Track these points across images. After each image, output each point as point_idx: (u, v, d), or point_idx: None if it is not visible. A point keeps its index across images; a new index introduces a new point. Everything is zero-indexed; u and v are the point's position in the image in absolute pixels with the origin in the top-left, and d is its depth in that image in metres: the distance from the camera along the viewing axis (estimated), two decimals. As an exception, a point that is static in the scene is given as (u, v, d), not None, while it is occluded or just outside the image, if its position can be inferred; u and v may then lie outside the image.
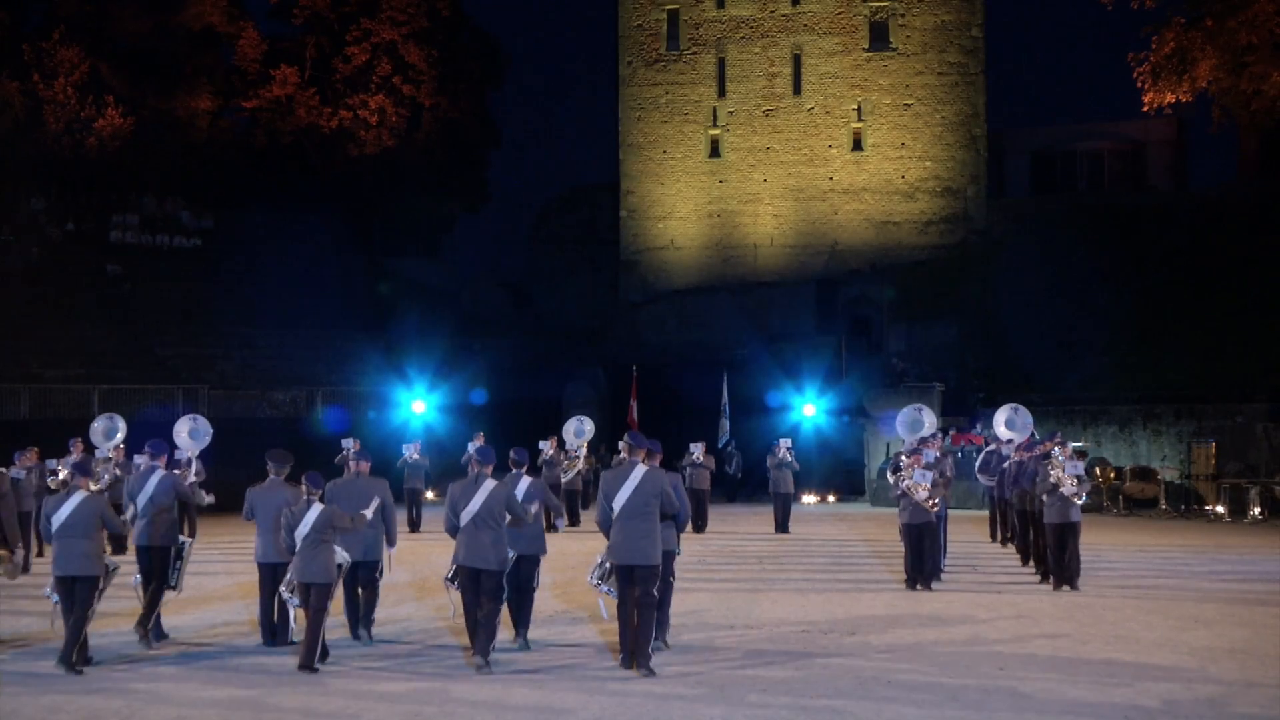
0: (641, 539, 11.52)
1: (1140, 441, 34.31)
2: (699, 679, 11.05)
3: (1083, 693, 10.44)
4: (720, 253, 49.64)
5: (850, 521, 29.64)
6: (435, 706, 10.13)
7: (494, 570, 11.70)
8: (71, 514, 11.76)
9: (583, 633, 13.60)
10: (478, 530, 11.70)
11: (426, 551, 21.59)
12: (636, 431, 12.25)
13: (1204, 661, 11.75)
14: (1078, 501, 16.76)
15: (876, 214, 48.56)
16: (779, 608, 15.27)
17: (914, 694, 10.43)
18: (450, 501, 11.89)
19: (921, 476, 16.77)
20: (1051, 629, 13.61)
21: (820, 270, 48.28)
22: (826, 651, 12.32)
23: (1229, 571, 19.16)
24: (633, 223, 50.82)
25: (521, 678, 11.23)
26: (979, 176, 48.33)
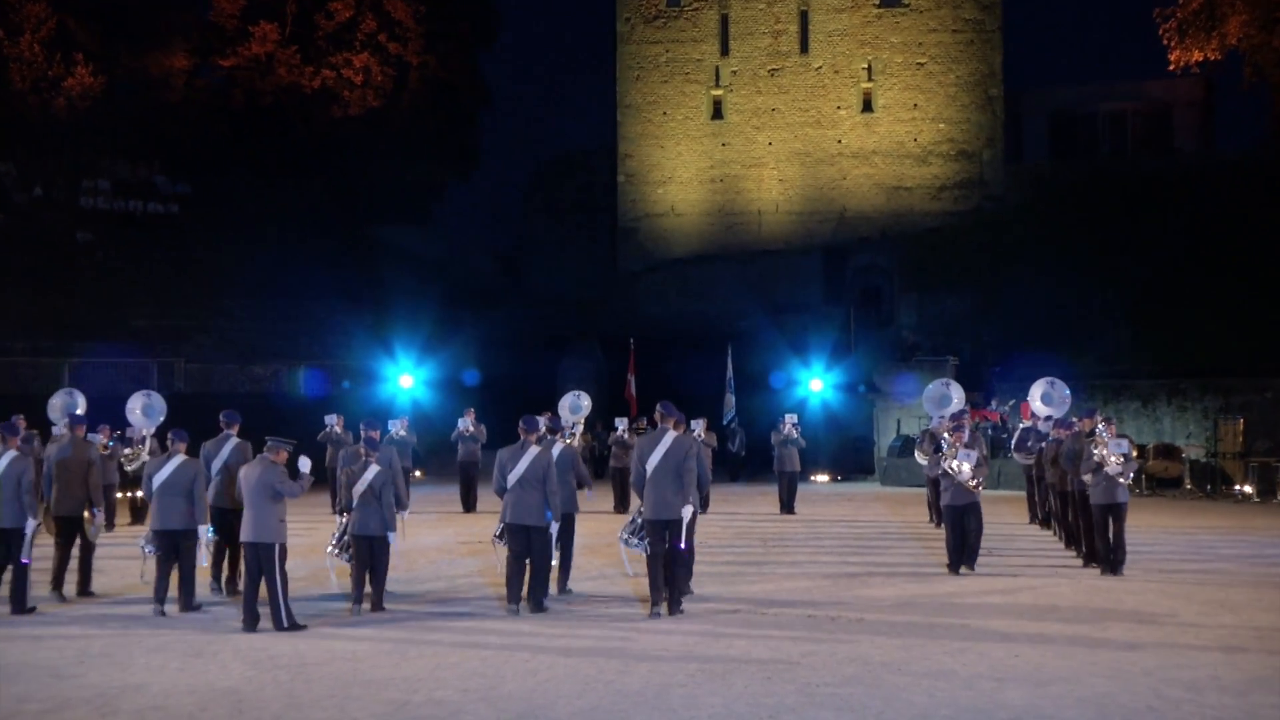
0: (671, 497, 13.55)
1: (1164, 418, 34.29)
2: (700, 665, 11.04)
3: (1103, 680, 10.43)
4: (722, 220, 49.55)
5: (859, 502, 29.63)
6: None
7: (541, 526, 13.77)
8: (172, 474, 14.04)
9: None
10: (524, 491, 13.81)
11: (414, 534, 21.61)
12: (668, 401, 14.12)
13: (1230, 648, 11.74)
14: (1123, 481, 16.72)
15: (887, 179, 48.45)
16: (784, 591, 15.26)
17: (925, 681, 10.41)
18: (499, 465, 14.00)
19: (965, 456, 16.74)
20: (1070, 614, 13.59)
21: (828, 238, 48.22)
22: (833, 637, 12.30)
23: (1257, 555, 19.15)
24: (631, 188, 50.70)
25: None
26: (995, 139, 48.21)
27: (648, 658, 11.42)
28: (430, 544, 20.42)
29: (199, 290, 42.25)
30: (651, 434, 14.04)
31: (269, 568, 12.81)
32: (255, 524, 12.93)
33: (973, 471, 16.75)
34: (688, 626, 12.92)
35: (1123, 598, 14.71)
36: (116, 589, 15.84)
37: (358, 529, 14.06)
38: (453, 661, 11.33)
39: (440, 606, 14.36)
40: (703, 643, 12.11)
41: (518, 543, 13.88)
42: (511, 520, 13.91)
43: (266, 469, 13.01)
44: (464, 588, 15.84)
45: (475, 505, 26.56)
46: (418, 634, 12.73)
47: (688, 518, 13.70)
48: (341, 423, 25.64)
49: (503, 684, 10.45)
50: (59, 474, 15.23)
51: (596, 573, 17.07)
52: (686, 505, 13.62)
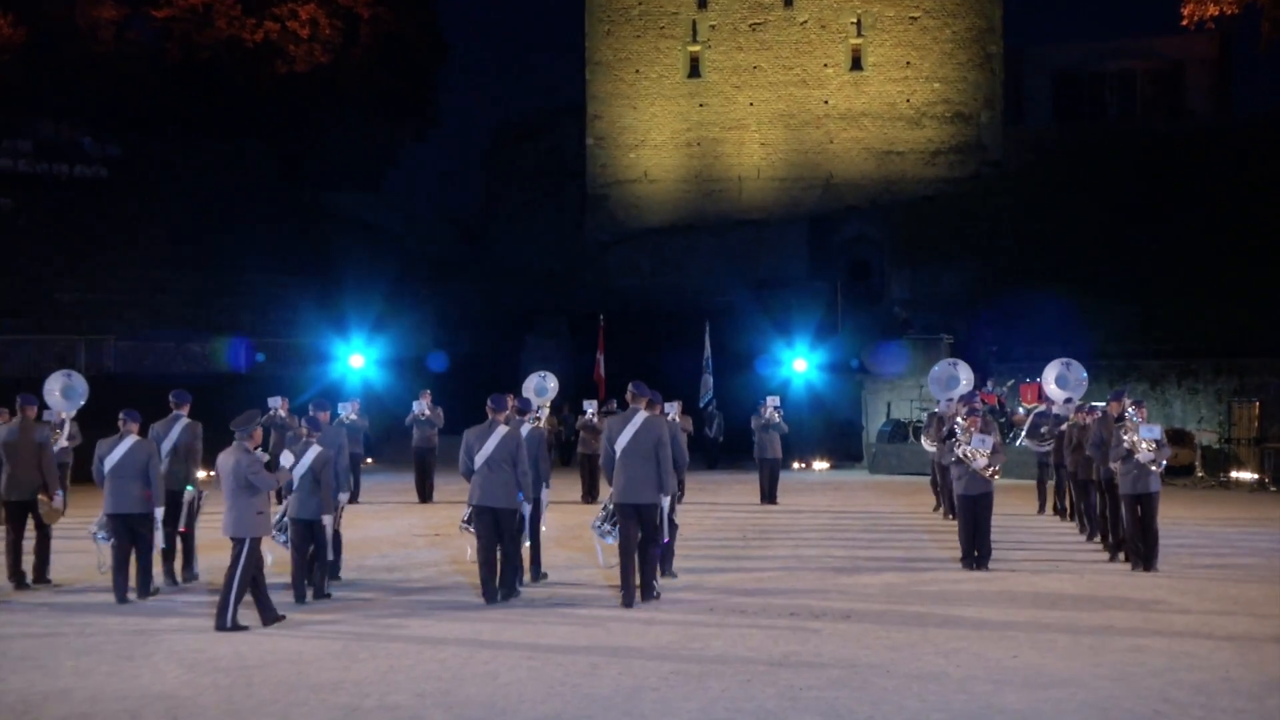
0: (642, 480, 14.01)
1: (1174, 401, 34.45)
2: (675, 666, 11.04)
3: (1107, 683, 10.47)
4: (700, 186, 49.53)
5: (846, 491, 29.70)
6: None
7: (509, 509, 14.21)
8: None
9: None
10: (492, 472, 14.19)
11: (364, 523, 21.56)
12: (640, 381, 14.57)
13: (1244, 648, 11.80)
14: (1155, 470, 16.77)
15: (877, 143, 48.48)
16: (765, 587, 15.28)
17: (916, 684, 10.44)
18: (465, 446, 14.34)
19: (980, 442, 16.75)
20: (1074, 611, 13.65)
21: (813, 207, 48.26)
22: (818, 636, 12.33)
23: (1273, 548, 19.27)
24: (601, 152, 50.61)
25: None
26: (994, 100, 48.29)
27: (618, 658, 11.42)
28: (383, 535, 20.38)
29: (130, 261, 42.00)
30: (622, 414, 14.47)
31: (233, 562, 12.87)
32: (230, 517, 13.04)
33: (990, 459, 16.78)
34: (661, 624, 12.92)
35: (1129, 594, 14.78)
36: (68, 578, 15.96)
37: (297, 512, 14.37)
38: (407, 663, 11.30)
39: (393, 602, 14.32)
40: (677, 642, 12.12)
41: (486, 527, 14.26)
42: (479, 503, 14.30)
43: (240, 458, 13.05)
44: (419, 581, 15.82)
45: (432, 494, 26.52)
46: (369, 632, 12.70)
47: (667, 506, 14.28)
48: (286, 406, 25.55)
49: (461, 687, 10.43)
50: (8, 457, 15.49)
51: (565, 564, 17.07)
52: (665, 495, 14.12)
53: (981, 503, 16.91)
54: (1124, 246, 41.55)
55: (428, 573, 16.66)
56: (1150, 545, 16.78)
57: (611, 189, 50.31)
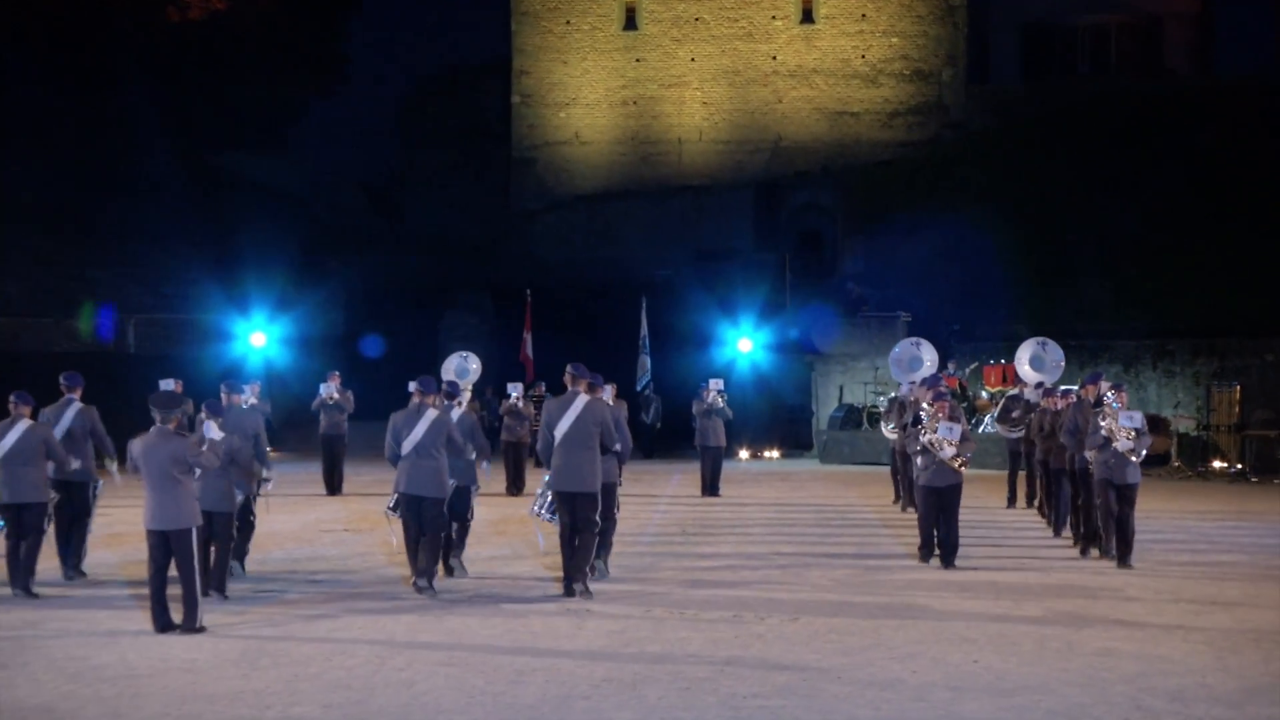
0: (582, 467, 14.54)
1: (1149, 385, 34.78)
2: (608, 672, 11.04)
3: (1075, 690, 10.55)
4: (636, 149, 49.50)
5: (795, 482, 29.81)
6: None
7: (436, 498, 14.78)
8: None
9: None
10: (420, 459, 14.73)
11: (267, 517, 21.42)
12: (579, 363, 14.94)
13: (1222, 651, 11.93)
14: (1134, 460, 16.89)
15: (830, 102, 48.61)
16: (706, 587, 15.31)
17: (869, 692, 10.49)
18: (392, 430, 14.92)
19: (948, 430, 16.79)
20: (1038, 613, 13.76)
21: (760, 172, 48.35)
22: (763, 640, 12.36)
23: (1254, 544, 19.51)
24: (527, 111, 50.45)
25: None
26: (957, 57, 48.54)
27: (546, 663, 11.40)
28: (287, 530, 20.26)
29: (3, 229, 41.39)
30: (561, 398, 14.93)
31: (186, 556, 12.74)
32: (163, 508, 12.80)
33: (958, 448, 16.83)
34: (594, 626, 12.93)
35: (1099, 594, 14.91)
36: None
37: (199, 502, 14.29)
38: (313, 671, 11.23)
39: (299, 603, 14.24)
40: (611, 646, 12.12)
41: (413, 515, 14.83)
42: (406, 490, 14.84)
43: (171, 442, 12.90)
44: (327, 580, 15.74)
45: (341, 486, 26.39)
46: (271, 636, 12.61)
47: (619, 484, 15.49)
48: (180, 388, 25.31)
49: (372, 697, 10.39)
50: None
51: (490, 555, 17.10)
52: (597, 478, 14.71)
53: (949, 495, 16.98)
54: (1096, 217, 41.86)
55: (337, 571, 16.58)
56: (1126, 540, 16.92)
57: (539, 151, 50.17)
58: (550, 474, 14.93)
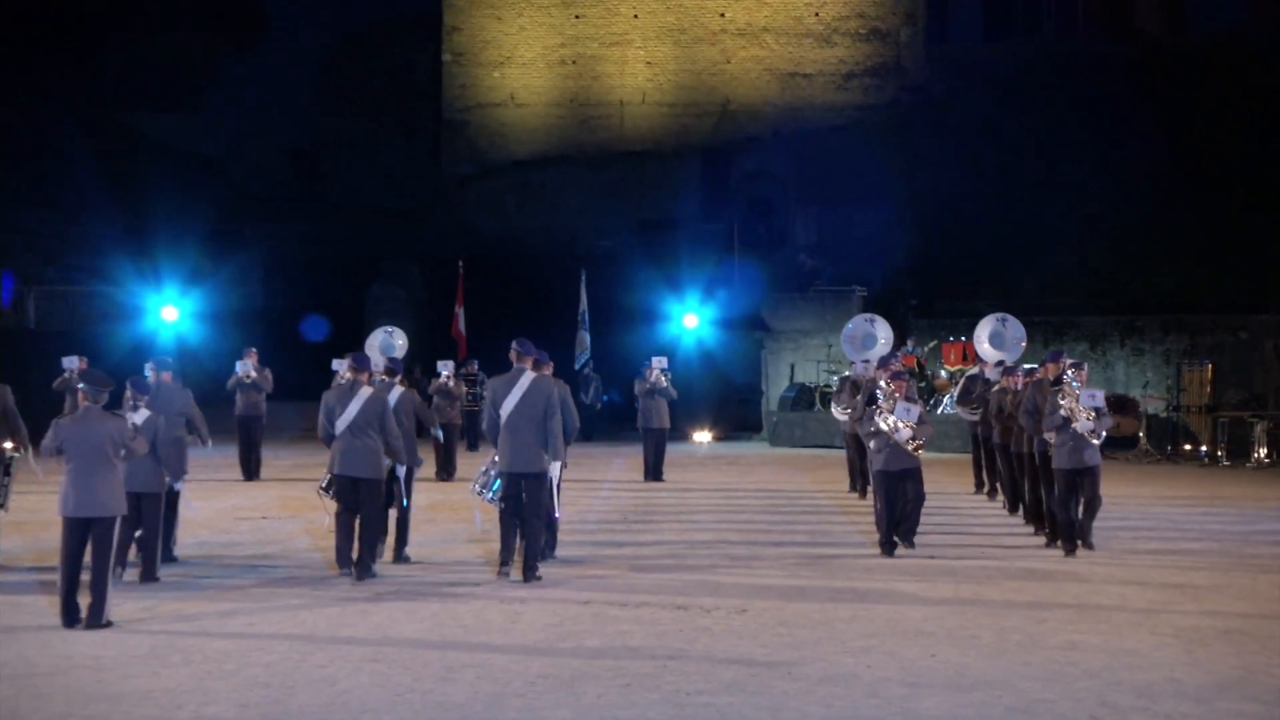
0: (528, 447, 14.86)
1: (1116, 363, 34.99)
2: (544, 667, 11.04)
3: (1038, 685, 10.61)
4: (575, 112, 49.36)
5: (743, 466, 29.86)
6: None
7: (373, 479, 15.10)
8: None
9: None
10: (354, 438, 15.02)
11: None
12: (525, 339, 15.26)
13: (1192, 644, 12.02)
14: (1095, 441, 16.99)
15: (781, 63, 48.61)
16: (648, 578, 15.33)
17: (820, 688, 10.52)
18: (325, 409, 15.21)
19: (905, 412, 16.81)
20: (999, 605, 13.83)
21: (707, 137, 48.30)
22: (709, 633, 12.38)
23: (1226, 530, 19.68)
24: (459, 71, 50.21)
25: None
26: (915, 15, 48.63)
27: (478, 658, 11.38)
28: (201, 517, 20.10)
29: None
30: (506, 375, 15.20)
31: (105, 548, 12.74)
32: (90, 493, 12.77)
33: (916, 430, 16.87)
34: (529, 619, 12.91)
35: (1064, 584, 15.00)
36: None
37: (124, 484, 14.24)
38: (229, 668, 11.18)
39: (213, 595, 14.16)
40: (547, 640, 12.12)
41: (347, 496, 15.15)
42: (340, 471, 15.12)
43: (108, 423, 12.96)
44: (244, 571, 15.67)
45: (259, 471, 26.27)
46: (183, 631, 12.54)
47: (557, 476, 15.50)
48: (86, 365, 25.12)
49: (291, 696, 10.34)
50: None
51: (419, 541, 17.13)
52: (555, 462, 15.20)
53: (908, 479, 17.04)
54: (1062, 185, 42.02)
55: (254, 561, 16.52)
56: (1086, 528, 17.02)
57: (472, 114, 49.96)
58: (497, 455, 15.21)
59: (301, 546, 17.68)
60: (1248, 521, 20.68)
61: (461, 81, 50.10)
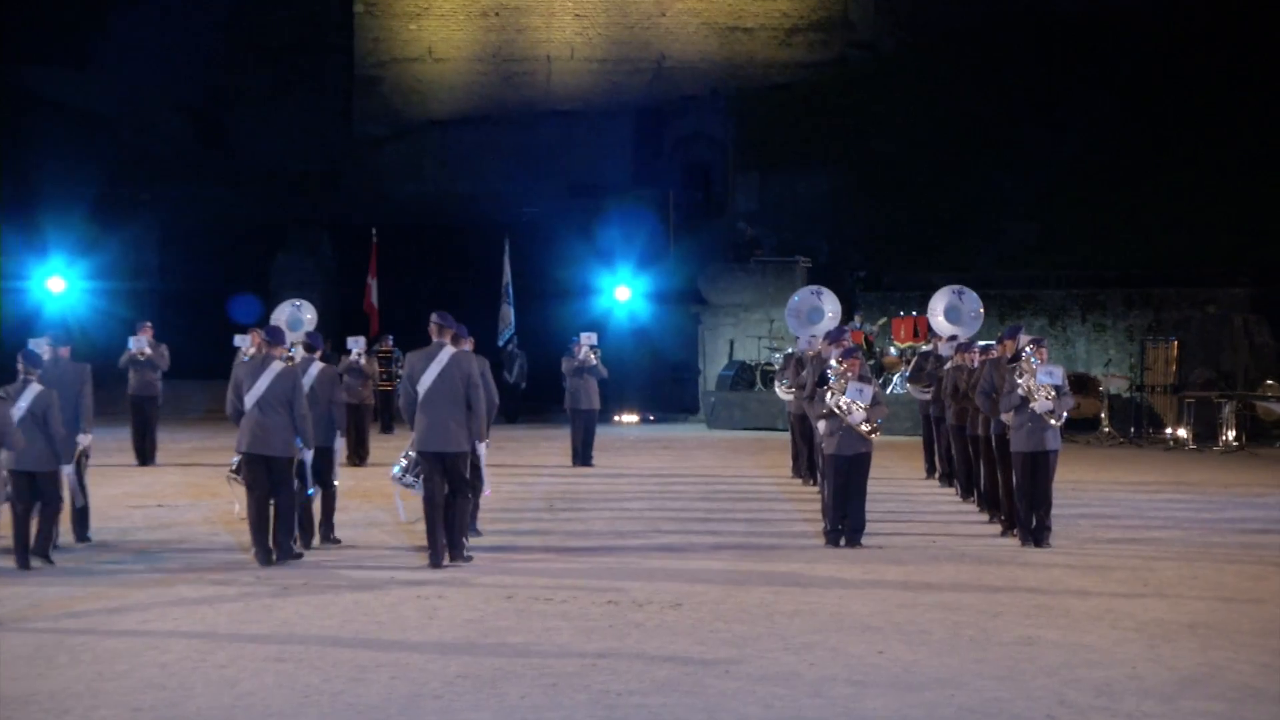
0: (449, 425, 15.17)
1: (1077, 339, 35.27)
2: (462, 667, 11.03)
3: (991, 683, 10.68)
4: (499, 68, 49.22)
5: (679, 450, 29.91)
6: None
7: (284, 457, 15.47)
8: None
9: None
10: (264, 415, 15.34)
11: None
12: (446, 312, 15.56)
13: (1155, 639, 12.13)
14: (1054, 423, 17.06)
15: (720, 16, 48.62)
16: (576, 569, 15.35)
17: (760, 687, 10.55)
18: (235, 385, 15.58)
19: (858, 392, 16.79)
20: (951, 598, 13.91)
21: (640, 95, 48.27)
22: (641, 630, 12.41)
23: (1192, 519, 19.87)
24: (372, 22, 49.98)
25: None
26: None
27: (393, 656, 11.35)
28: (92, 504, 19.92)
29: None
30: (424, 350, 15.45)
31: None
32: None
33: (870, 412, 16.88)
34: (448, 613, 12.89)
35: (1019, 575, 15.10)
36: None
37: (15, 463, 14.69)
38: (121, 668, 11.11)
39: (105, 588, 14.07)
40: (467, 637, 12.11)
41: (258, 477, 15.44)
42: (249, 450, 15.47)
43: None
44: (136, 564, 15.58)
45: (154, 455, 26.13)
46: (71, 628, 12.44)
47: (484, 453, 16.19)
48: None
49: (189, 699, 10.29)
50: None
51: (347, 523, 17.30)
52: (479, 442, 15.75)
53: (857, 465, 17.07)
54: (1019, 150, 42.22)
55: (149, 552, 16.44)
56: (1044, 515, 17.13)
57: (386, 69, 49.72)
58: (414, 434, 15.44)
59: (201, 536, 17.61)
60: (1215, 509, 20.88)
61: (375, 34, 49.84)
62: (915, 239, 39.91)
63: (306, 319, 28.14)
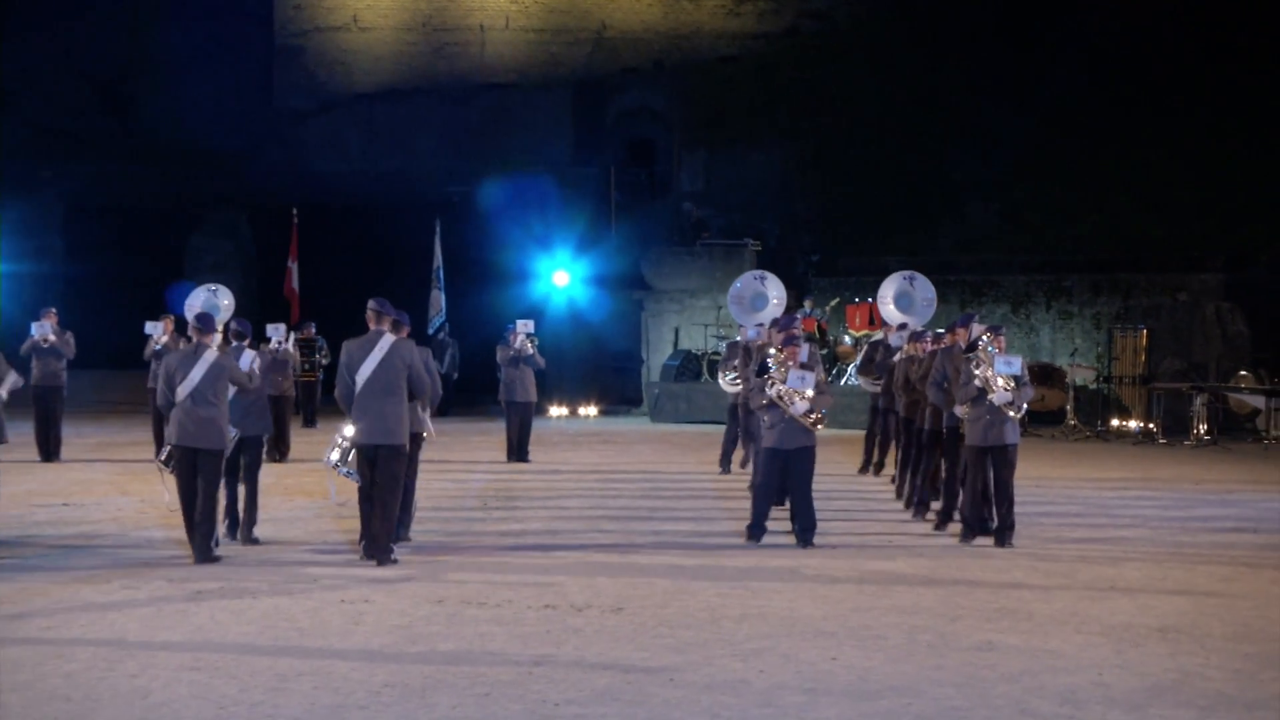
0: (387, 417, 15.48)
1: (1042, 328, 35.44)
2: (390, 675, 11.01)
3: (950, 690, 10.73)
4: (429, 38, 49.15)
5: (621, 444, 29.94)
6: None
7: (215, 450, 15.65)
8: None
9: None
10: (196, 406, 15.53)
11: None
12: (384, 298, 15.83)
13: (1122, 644, 12.21)
14: (1013, 415, 17.12)
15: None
16: (512, 573, 15.34)
17: (706, 695, 10.57)
18: (165, 375, 15.73)
19: (799, 380, 16.78)
20: (908, 600, 13.97)
21: (580, 68, 48.27)
22: (579, 635, 12.42)
23: (1161, 517, 20.02)
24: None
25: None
26: (818, -70, 48.71)
27: (315, 665, 11.30)
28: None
29: None
30: (362, 339, 15.73)
31: None
32: None
33: (813, 402, 16.88)
34: (375, 618, 12.87)
35: (979, 577, 15.17)
36: None
37: None
38: (22, 680, 11.04)
39: (2, 592, 13.99)
40: (395, 644, 12.09)
41: (188, 470, 15.65)
42: (180, 442, 15.63)
43: None
44: (40, 567, 15.49)
45: (59, 450, 25.97)
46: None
47: (430, 434, 16.92)
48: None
49: (96, 711, 10.24)
50: None
51: (267, 521, 17.35)
52: (404, 428, 15.78)
53: (799, 459, 17.08)
54: (980, 127, 42.40)
55: (53, 554, 16.35)
56: (1007, 512, 17.19)
57: (309, 39, 49.56)
58: (351, 424, 15.77)
59: (109, 536, 17.52)
60: (1185, 506, 21.04)
61: (296, 1, 49.65)
62: (871, 221, 40.02)
63: (223, 305, 27.99)
